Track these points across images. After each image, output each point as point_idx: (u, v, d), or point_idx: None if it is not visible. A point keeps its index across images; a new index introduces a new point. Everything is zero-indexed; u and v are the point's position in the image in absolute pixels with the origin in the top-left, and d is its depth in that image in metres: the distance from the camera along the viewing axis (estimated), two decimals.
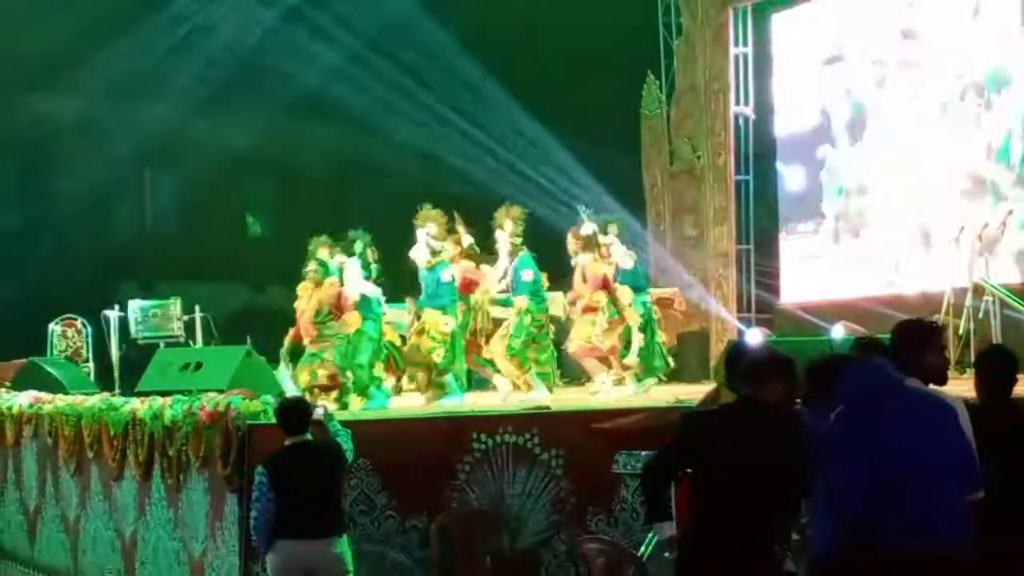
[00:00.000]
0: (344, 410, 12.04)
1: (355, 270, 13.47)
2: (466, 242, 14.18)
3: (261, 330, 17.29)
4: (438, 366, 13.43)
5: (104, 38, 21.86)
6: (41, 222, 23.41)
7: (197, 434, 10.14)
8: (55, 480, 13.43)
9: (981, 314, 14.00)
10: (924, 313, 12.59)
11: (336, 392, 13.04)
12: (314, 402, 10.52)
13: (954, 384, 6.75)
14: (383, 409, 12.49)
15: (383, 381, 13.67)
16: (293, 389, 13.36)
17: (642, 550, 8.45)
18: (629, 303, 14.19)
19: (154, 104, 23.05)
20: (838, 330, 14.30)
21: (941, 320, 13.71)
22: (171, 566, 10.86)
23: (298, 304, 13.74)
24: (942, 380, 6.26)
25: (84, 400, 12.99)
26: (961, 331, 13.91)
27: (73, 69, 21.97)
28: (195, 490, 10.36)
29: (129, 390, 14.16)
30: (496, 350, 13.91)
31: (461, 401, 13.04)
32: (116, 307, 18.13)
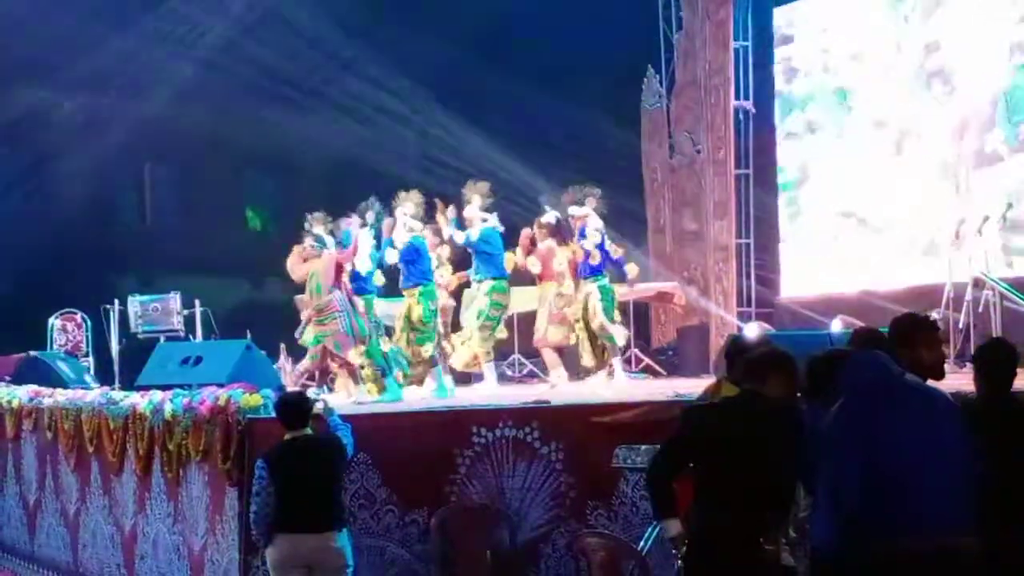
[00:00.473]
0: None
1: (367, 241, 13.42)
2: (446, 233, 14.19)
3: (261, 324, 17.31)
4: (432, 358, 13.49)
5: (103, 31, 21.85)
6: (41, 216, 23.40)
7: (197, 428, 10.14)
8: (55, 474, 13.43)
9: (981, 308, 14.00)
10: (924, 307, 12.59)
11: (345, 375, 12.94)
12: (319, 393, 10.51)
13: (954, 378, 6.75)
14: (398, 402, 12.43)
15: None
16: (291, 382, 13.37)
17: (642, 544, 8.45)
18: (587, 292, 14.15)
19: (154, 98, 23.06)
20: (836, 325, 14.30)
21: (941, 314, 13.72)
22: (171, 560, 10.86)
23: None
24: (940, 374, 6.26)
25: (84, 394, 12.99)
26: (961, 325, 13.91)
27: (72, 62, 21.96)
28: (195, 484, 10.36)
29: (129, 384, 14.16)
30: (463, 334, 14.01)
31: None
32: (116, 301, 18.13)
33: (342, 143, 23.71)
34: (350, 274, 13.32)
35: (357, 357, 12.82)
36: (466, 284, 14.65)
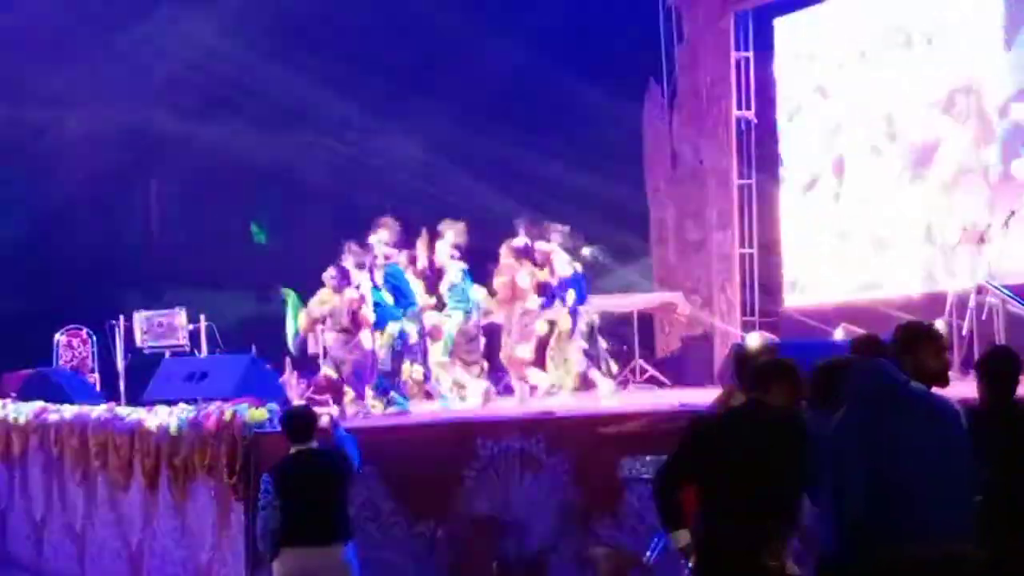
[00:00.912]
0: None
1: (366, 283, 13.46)
2: (422, 262, 14.28)
3: (266, 338, 17.31)
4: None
5: (108, 46, 21.92)
6: (46, 232, 23.45)
7: (203, 443, 10.18)
8: (61, 490, 13.46)
9: (985, 315, 13.99)
10: (927, 314, 12.60)
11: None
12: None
13: (958, 386, 6.76)
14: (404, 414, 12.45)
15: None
16: (296, 396, 13.39)
17: (648, 554, 8.46)
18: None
19: (158, 113, 23.11)
20: (840, 333, 14.31)
21: (945, 321, 13.71)
22: (177, 574, 10.88)
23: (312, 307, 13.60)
24: (944, 382, 6.27)
25: (90, 410, 13.03)
26: (965, 332, 13.90)
27: (76, 78, 22.02)
28: (201, 499, 10.39)
29: (135, 400, 14.19)
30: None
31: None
32: (121, 317, 18.16)
33: (346, 158, 23.75)
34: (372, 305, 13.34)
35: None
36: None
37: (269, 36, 22.90)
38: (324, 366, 13.43)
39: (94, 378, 18.14)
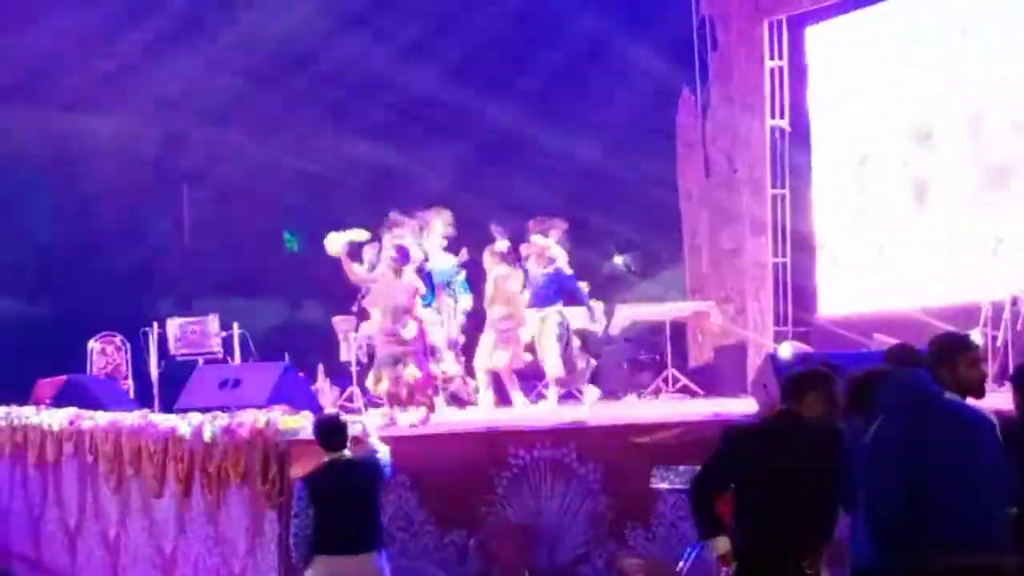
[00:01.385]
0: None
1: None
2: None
3: (299, 346, 17.37)
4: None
5: (141, 55, 22.01)
6: (80, 240, 23.56)
7: (236, 451, 10.19)
8: (95, 497, 13.50)
9: (1020, 325, 13.92)
10: (962, 325, 12.54)
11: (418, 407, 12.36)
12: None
13: (993, 397, 6.72)
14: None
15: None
16: (329, 404, 13.38)
17: (681, 565, 8.45)
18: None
19: (192, 120, 23.21)
20: (874, 344, 14.23)
21: (980, 332, 13.65)
22: None
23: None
24: (980, 393, 6.24)
25: (124, 417, 13.07)
26: (999, 343, 13.83)
27: (109, 86, 22.12)
28: (235, 506, 10.40)
29: (168, 407, 14.23)
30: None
31: None
32: (155, 324, 18.21)
33: (381, 163, 23.78)
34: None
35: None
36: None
37: (302, 39, 22.96)
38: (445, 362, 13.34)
39: (128, 385, 18.19)
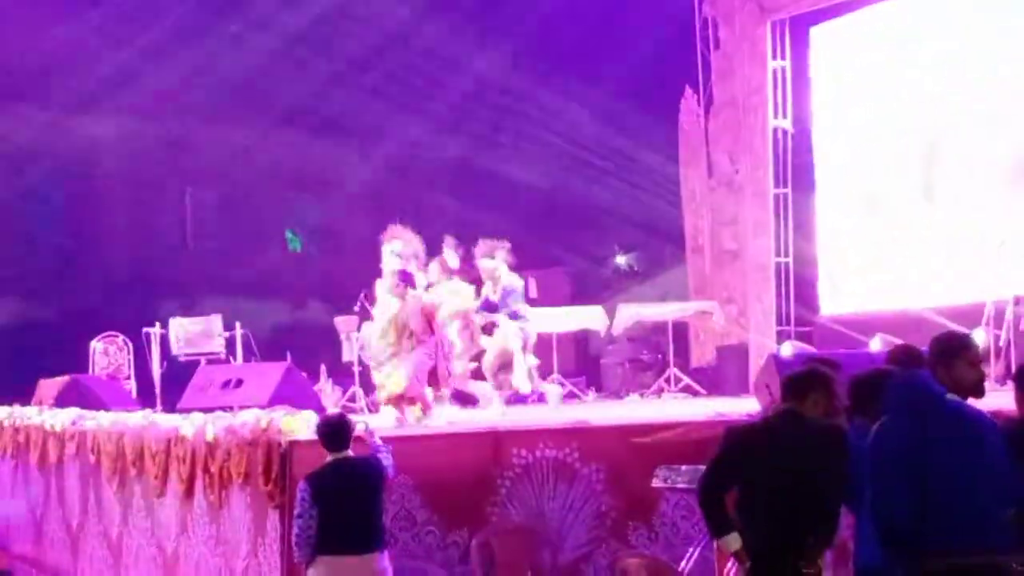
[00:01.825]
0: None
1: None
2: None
3: (301, 346, 17.37)
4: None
5: (145, 58, 22.03)
6: (82, 239, 23.57)
7: (239, 451, 10.19)
8: (97, 497, 13.50)
9: (1023, 326, 13.91)
10: (965, 325, 12.54)
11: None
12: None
13: (994, 397, 6.72)
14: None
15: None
16: (332, 404, 13.37)
17: (683, 564, 8.45)
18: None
19: (194, 121, 23.22)
20: (877, 343, 14.24)
21: (982, 332, 13.65)
22: None
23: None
24: (980, 393, 6.24)
25: (126, 417, 13.07)
26: (1002, 343, 13.83)
27: (113, 88, 22.13)
28: (237, 506, 10.40)
29: (171, 407, 14.24)
30: None
31: None
32: (157, 324, 18.22)
33: (381, 165, 23.81)
34: None
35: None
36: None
37: (303, 41, 22.96)
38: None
39: (130, 385, 18.21)
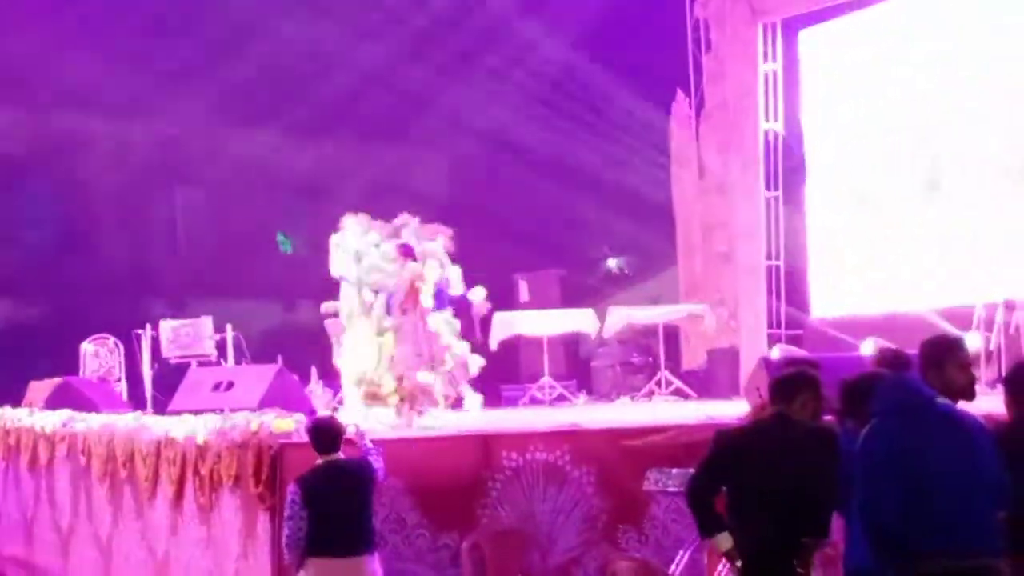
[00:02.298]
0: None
1: None
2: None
3: (292, 348, 17.34)
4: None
5: (134, 56, 21.99)
6: (72, 241, 23.54)
7: (229, 453, 10.19)
8: (88, 499, 13.50)
9: (1012, 329, 13.93)
10: (955, 328, 12.56)
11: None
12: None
13: (984, 400, 6.74)
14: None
15: None
16: (323, 406, 13.35)
17: (673, 567, 8.46)
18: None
19: (184, 121, 23.18)
20: (868, 346, 14.25)
21: (973, 336, 13.66)
22: None
23: None
24: (970, 396, 6.25)
25: (117, 419, 13.06)
26: (992, 346, 13.84)
27: (104, 87, 22.09)
28: (227, 509, 10.40)
29: (161, 409, 14.23)
30: None
31: None
32: (148, 326, 18.19)
33: (373, 166, 23.79)
34: None
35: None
36: None
37: (290, 38, 22.94)
38: None
39: (121, 387, 18.17)
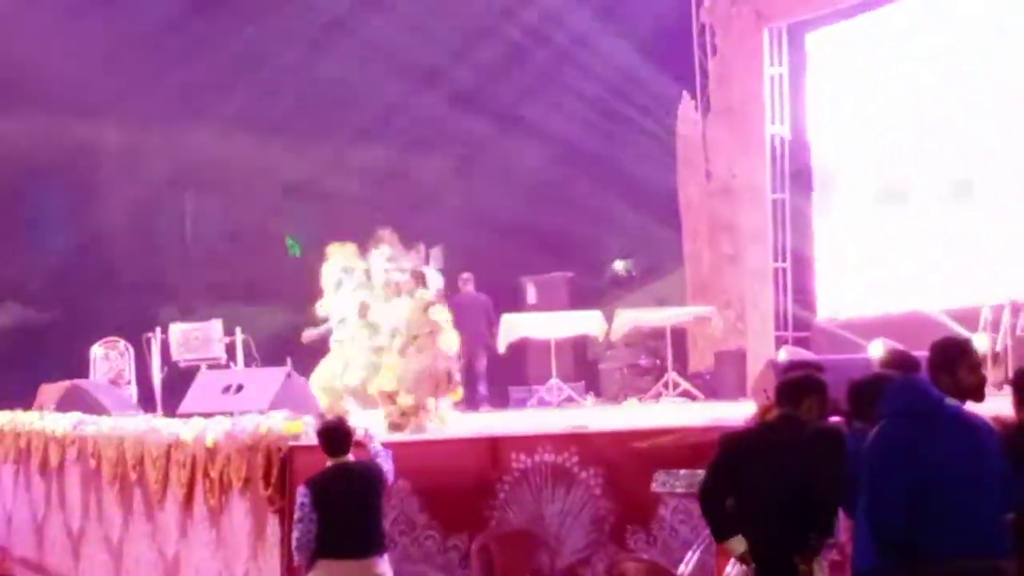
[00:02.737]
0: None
1: None
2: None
3: (301, 351, 17.35)
4: None
5: (146, 64, 22.06)
6: (84, 246, 23.61)
7: (239, 456, 10.22)
8: (98, 502, 13.53)
9: (1019, 331, 13.94)
10: (963, 329, 12.57)
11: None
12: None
13: (993, 402, 6.77)
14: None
15: None
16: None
17: (681, 569, 8.49)
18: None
19: (195, 128, 23.25)
20: (877, 348, 14.26)
21: (980, 337, 13.67)
22: None
23: None
24: (979, 397, 6.28)
25: (127, 422, 13.10)
26: (998, 348, 13.85)
27: (116, 95, 22.17)
28: (237, 511, 10.43)
29: (171, 412, 14.26)
30: None
31: None
32: (158, 329, 18.23)
33: (382, 169, 23.84)
34: None
35: None
36: None
37: (300, 49, 23.01)
38: None
39: (131, 391, 18.21)
